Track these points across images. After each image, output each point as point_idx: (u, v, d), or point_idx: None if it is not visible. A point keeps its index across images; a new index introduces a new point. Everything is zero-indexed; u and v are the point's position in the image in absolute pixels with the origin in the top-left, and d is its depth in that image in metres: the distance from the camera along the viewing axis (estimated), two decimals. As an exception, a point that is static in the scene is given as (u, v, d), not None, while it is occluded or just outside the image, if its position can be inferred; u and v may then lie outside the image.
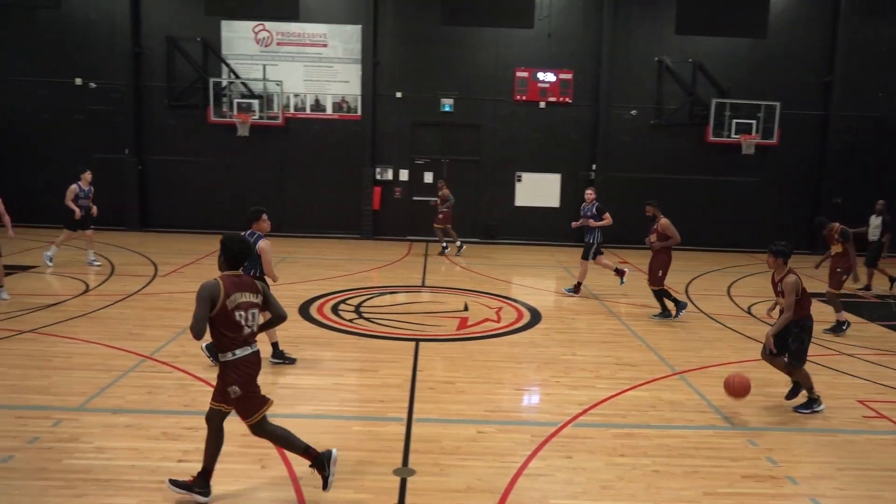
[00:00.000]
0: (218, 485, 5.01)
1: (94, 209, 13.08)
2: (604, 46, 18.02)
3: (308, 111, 18.30)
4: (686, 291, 12.63)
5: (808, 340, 6.75)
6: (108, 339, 8.37)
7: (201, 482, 4.83)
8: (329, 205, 18.38)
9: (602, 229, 11.74)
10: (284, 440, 4.92)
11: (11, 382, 6.84)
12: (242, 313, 4.70)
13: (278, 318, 5.10)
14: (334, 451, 4.96)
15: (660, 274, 10.38)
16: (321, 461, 4.89)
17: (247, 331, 4.74)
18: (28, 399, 6.44)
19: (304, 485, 5.08)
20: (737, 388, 6.41)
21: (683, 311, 10.47)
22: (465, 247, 16.53)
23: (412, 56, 18.09)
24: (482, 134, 18.45)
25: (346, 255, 15.60)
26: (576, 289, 12.01)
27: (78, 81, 17.84)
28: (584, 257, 11.89)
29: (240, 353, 4.70)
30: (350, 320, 9.75)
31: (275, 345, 7.83)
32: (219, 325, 4.62)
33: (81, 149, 17.93)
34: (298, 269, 13.52)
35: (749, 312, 11.12)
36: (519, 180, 18.66)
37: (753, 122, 17.95)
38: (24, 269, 12.44)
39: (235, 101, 17.67)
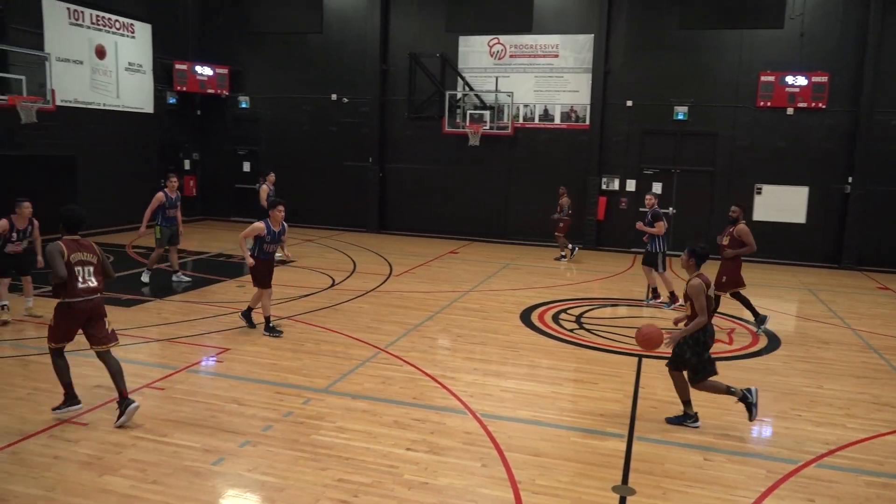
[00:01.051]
0: (441, 476, 5.27)
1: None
2: (869, 45, 16.03)
3: (536, 121, 18.56)
4: (965, 327, 10.78)
5: (706, 353, 6.25)
6: (350, 330, 9.19)
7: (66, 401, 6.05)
8: (551, 211, 18.47)
9: (666, 239, 11.33)
10: (117, 374, 6.06)
11: (271, 361, 7.79)
12: (80, 269, 5.89)
13: (108, 276, 6.21)
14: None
15: (723, 279, 9.79)
16: (122, 403, 5.95)
17: (81, 284, 5.86)
18: (284, 377, 7.29)
19: (523, 489, 5.16)
20: (646, 340, 6.33)
21: (763, 326, 9.86)
22: (577, 250, 16.30)
23: (645, 63, 17.56)
24: (718, 143, 17.35)
25: (568, 265, 15.55)
26: (672, 298, 11.33)
27: (333, 97, 19.84)
28: (646, 263, 11.43)
29: (69, 300, 5.84)
30: (571, 330, 9.70)
31: (267, 318, 8.83)
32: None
33: (333, 157, 19.95)
34: (520, 275, 13.75)
35: None
36: (758, 192, 17.25)
37: None
38: (283, 263, 14.07)
39: (468, 112, 18.46)
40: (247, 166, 20.78)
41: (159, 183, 19.69)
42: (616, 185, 18.07)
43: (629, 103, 17.73)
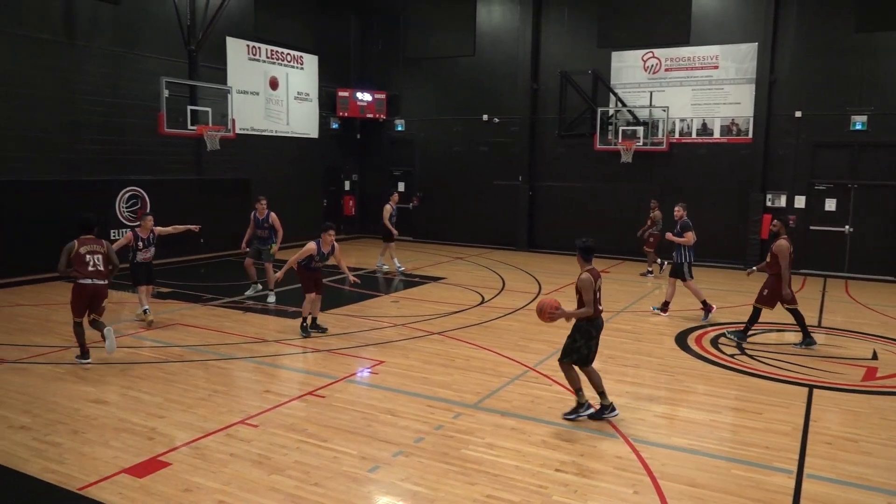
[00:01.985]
0: (590, 500, 5.16)
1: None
2: None
3: (694, 136, 17.79)
4: None
5: (582, 342, 6.60)
6: (499, 347, 9.26)
7: None
8: (710, 232, 17.55)
9: (691, 249, 11.28)
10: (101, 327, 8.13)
11: (423, 375, 8.02)
12: (90, 257, 8.01)
13: (113, 265, 8.20)
14: None
15: (764, 292, 9.64)
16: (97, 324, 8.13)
17: (91, 268, 7.99)
18: (435, 391, 7.48)
19: (678, 519, 4.92)
20: (544, 311, 6.58)
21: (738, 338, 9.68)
22: (666, 263, 15.20)
23: (817, 70, 16.32)
24: (904, 155, 15.71)
25: (727, 286, 14.70)
26: (664, 307, 11.43)
27: (484, 117, 20.20)
28: (673, 275, 11.38)
29: (81, 280, 7.96)
30: (731, 355, 9.16)
31: (313, 319, 9.68)
32: (74, 263, 7.95)
33: (483, 176, 20.28)
34: (678, 297, 13.18)
35: None
36: (953, 209, 15.39)
37: None
38: (435, 279, 14.46)
39: (621, 128, 18.07)
40: (402, 186, 21.63)
41: (323, 203, 21.12)
42: (783, 201, 16.86)
43: (798, 114, 16.54)
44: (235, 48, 17.87)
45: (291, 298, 11.80)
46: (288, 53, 19.53)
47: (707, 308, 11.13)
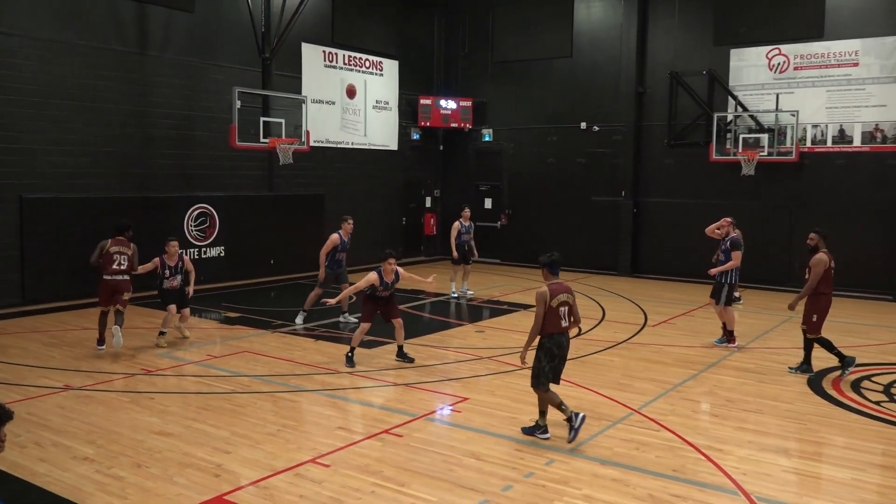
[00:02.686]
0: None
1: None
2: None
3: (829, 144, 17.06)
4: None
5: (546, 362, 7.08)
6: (598, 385, 9.08)
7: None
8: (851, 255, 16.69)
9: (737, 271, 11.12)
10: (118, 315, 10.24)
11: (512, 415, 7.95)
12: (116, 256, 10.24)
13: (132, 267, 10.35)
14: None
15: (814, 319, 9.62)
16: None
17: (115, 266, 10.18)
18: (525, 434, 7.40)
19: None
20: None
21: (850, 367, 9.57)
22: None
23: (981, 66, 15.36)
24: None
25: (872, 320, 13.92)
26: (729, 337, 11.26)
27: (582, 125, 20.07)
28: (715, 298, 11.17)
29: (104, 276, 10.21)
30: (877, 402, 8.64)
31: (400, 348, 9.95)
32: (103, 259, 10.26)
33: (580, 191, 20.10)
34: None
35: None
36: None
37: None
38: (525, 307, 14.38)
39: (741, 136, 17.54)
40: (488, 203, 21.72)
41: (402, 221, 21.46)
42: (940, 220, 15.89)
43: (958, 117, 15.59)
44: (311, 55, 18.52)
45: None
46: (367, 59, 20.08)
47: (730, 338, 11.25)
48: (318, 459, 6.66)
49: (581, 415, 7.13)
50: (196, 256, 15.76)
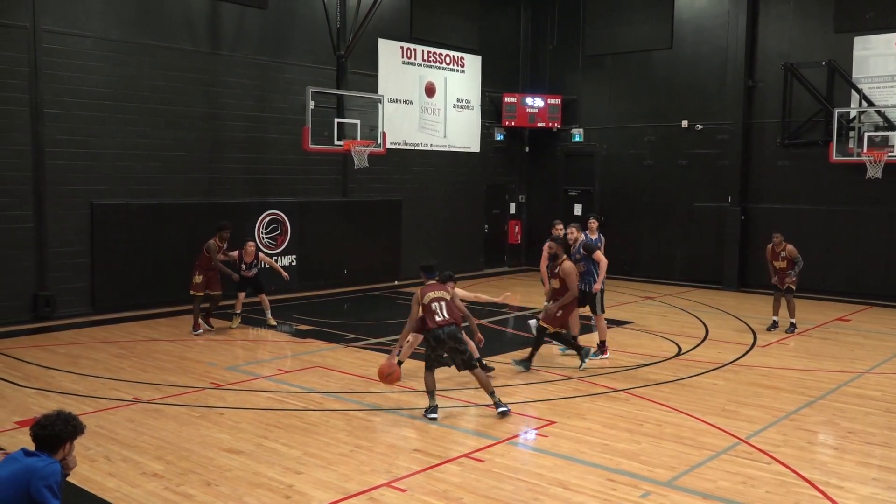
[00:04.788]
0: None
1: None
2: None
3: (970, 142, 16.27)
4: None
5: (430, 350, 8.65)
6: (700, 411, 8.92)
7: None
8: None
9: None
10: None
11: (604, 441, 7.90)
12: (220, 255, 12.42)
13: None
14: None
15: None
16: None
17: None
18: (618, 462, 7.34)
19: None
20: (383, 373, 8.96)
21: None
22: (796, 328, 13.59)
23: None
24: None
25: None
26: (601, 348, 11.47)
27: (684, 124, 19.75)
28: (592, 309, 11.51)
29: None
30: None
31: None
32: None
33: (681, 197, 19.77)
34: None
35: None
36: None
37: None
38: (619, 323, 14.24)
39: (867, 134, 16.90)
40: (578, 209, 21.60)
41: (484, 228, 21.56)
42: None
43: None
44: (388, 51, 18.88)
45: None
46: (447, 55, 20.32)
47: (602, 349, 11.44)
48: (393, 483, 6.78)
49: (505, 409, 8.55)
50: (267, 266, 16.28)
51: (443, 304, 8.66)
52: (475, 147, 21.26)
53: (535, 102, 21.43)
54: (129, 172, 14.57)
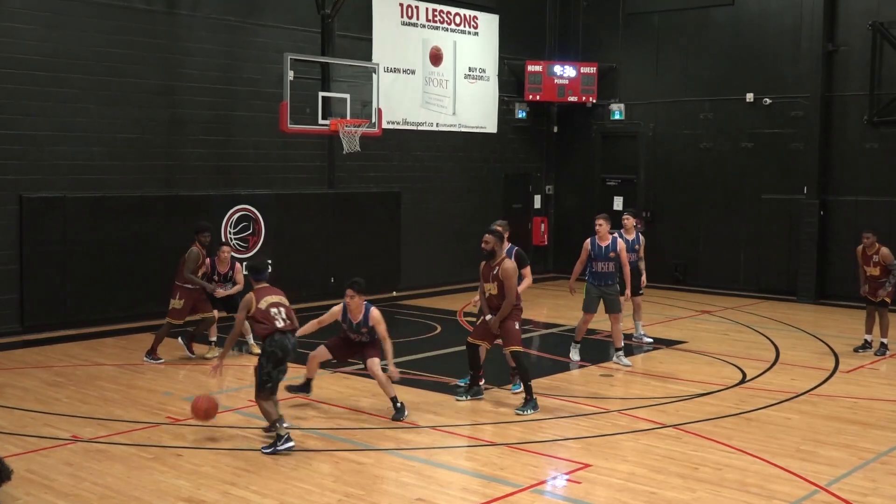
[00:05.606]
0: None
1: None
2: None
3: None
4: None
5: (271, 367, 8.70)
6: (769, 452, 8.88)
7: None
8: None
9: None
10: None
11: (650, 489, 7.87)
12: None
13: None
14: None
15: None
16: None
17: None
18: (669, 515, 7.33)
19: None
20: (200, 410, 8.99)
21: None
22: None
23: None
24: None
25: None
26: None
27: (748, 97, 19.73)
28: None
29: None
30: None
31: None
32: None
33: (746, 188, 19.76)
34: None
35: None
36: None
37: None
38: (669, 343, 14.19)
39: (974, 109, 16.86)
40: (618, 202, 21.56)
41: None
42: None
43: None
44: (384, 10, 18.90)
45: (453, 367, 12.10)
46: (457, 13, 20.33)
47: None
48: (391, 540, 6.75)
49: (290, 443, 8.57)
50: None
51: (282, 310, 8.87)
52: (491, 127, 21.27)
53: (566, 72, 21.41)
54: (67, 159, 14.59)
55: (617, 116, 21.73)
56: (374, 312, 9.90)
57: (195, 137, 16.19)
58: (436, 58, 20.02)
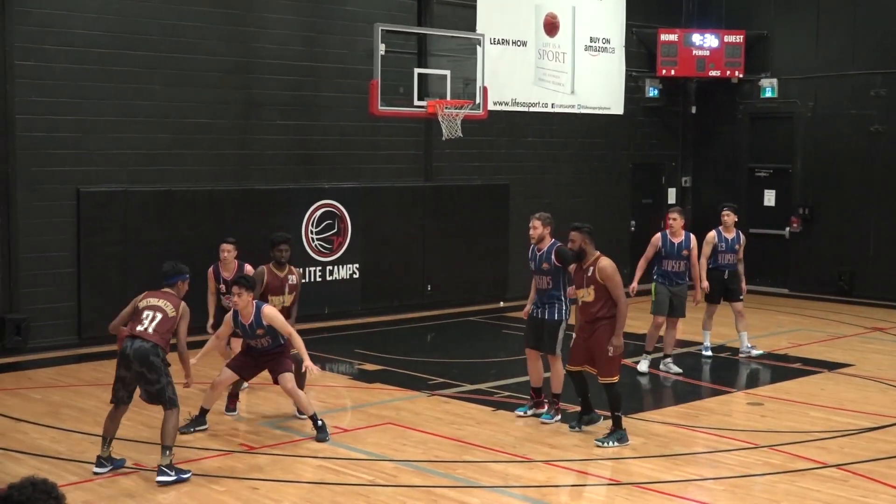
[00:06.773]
0: None
1: None
2: None
3: None
4: None
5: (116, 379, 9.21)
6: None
7: None
8: None
9: None
10: None
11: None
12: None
13: None
14: None
15: None
16: None
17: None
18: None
19: None
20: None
21: None
22: None
23: None
24: None
25: None
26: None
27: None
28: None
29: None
30: None
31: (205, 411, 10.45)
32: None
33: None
34: None
35: None
36: None
37: None
38: (831, 366, 13.89)
39: None
40: (770, 197, 21.20)
41: (630, 225, 21.35)
42: None
43: None
44: (491, -29, 18.94)
45: (568, 392, 12.07)
46: (576, -26, 20.26)
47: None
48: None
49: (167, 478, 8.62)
50: (318, 278, 16.46)
51: (157, 315, 9.03)
52: (617, 108, 21.14)
53: (706, 41, 21.18)
54: (129, 148, 14.90)
55: (768, 94, 21.36)
56: (267, 309, 10.11)
57: (272, 122, 16.44)
58: (551, 26, 19.96)
